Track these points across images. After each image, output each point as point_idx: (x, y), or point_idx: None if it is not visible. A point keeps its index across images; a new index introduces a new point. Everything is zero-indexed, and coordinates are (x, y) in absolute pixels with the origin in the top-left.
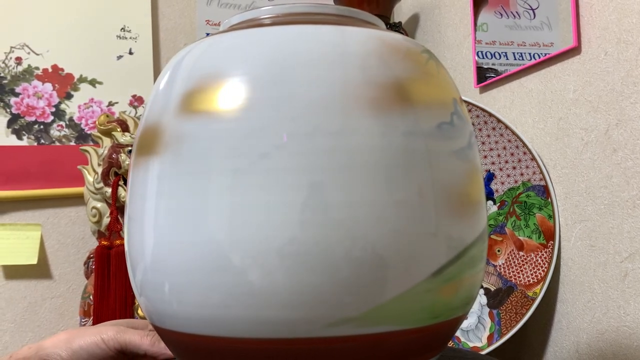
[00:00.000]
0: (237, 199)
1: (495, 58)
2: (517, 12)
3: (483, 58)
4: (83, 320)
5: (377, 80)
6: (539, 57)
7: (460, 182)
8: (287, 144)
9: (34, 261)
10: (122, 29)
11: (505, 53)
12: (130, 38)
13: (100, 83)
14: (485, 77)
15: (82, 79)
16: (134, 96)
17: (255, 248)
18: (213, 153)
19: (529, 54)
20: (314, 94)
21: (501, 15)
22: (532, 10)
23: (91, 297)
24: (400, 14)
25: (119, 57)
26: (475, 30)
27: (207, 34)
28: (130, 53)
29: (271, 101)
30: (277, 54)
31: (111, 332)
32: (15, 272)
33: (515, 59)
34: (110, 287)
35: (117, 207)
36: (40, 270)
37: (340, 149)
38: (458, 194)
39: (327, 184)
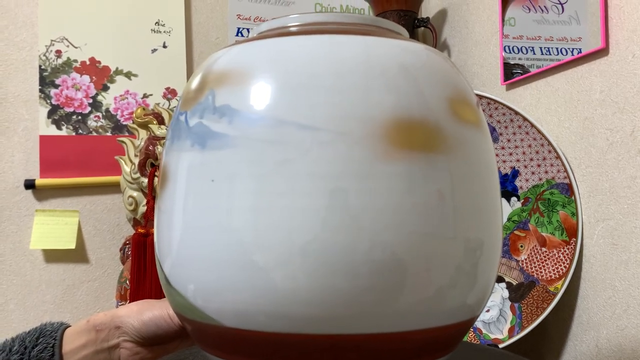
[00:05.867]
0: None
1: (523, 53)
2: (545, 6)
3: (510, 53)
4: (120, 304)
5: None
6: (567, 52)
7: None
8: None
9: (72, 246)
10: (156, 23)
11: (533, 48)
12: (164, 32)
13: (135, 75)
14: (512, 73)
15: (118, 72)
16: (167, 88)
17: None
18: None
19: (557, 49)
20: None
21: (529, 9)
22: (561, 4)
23: (127, 281)
24: (428, 9)
25: (154, 50)
26: (502, 26)
27: (238, 29)
28: (164, 46)
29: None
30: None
31: None
32: (54, 256)
33: (542, 54)
34: (146, 272)
35: (153, 197)
36: (77, 254)
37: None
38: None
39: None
